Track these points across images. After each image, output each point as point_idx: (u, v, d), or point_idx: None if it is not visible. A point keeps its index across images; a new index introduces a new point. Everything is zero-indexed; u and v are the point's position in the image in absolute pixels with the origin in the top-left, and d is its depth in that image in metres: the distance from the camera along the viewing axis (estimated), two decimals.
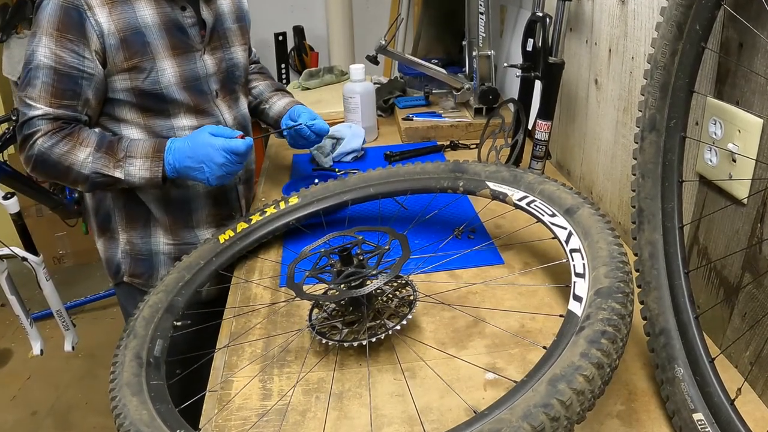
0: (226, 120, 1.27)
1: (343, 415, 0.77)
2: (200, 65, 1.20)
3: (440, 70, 1.66)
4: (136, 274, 1.30)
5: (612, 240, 0.76)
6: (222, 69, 1.25)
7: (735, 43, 0.75)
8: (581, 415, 0.59)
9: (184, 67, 1.16)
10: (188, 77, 1.17)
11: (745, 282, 0.77)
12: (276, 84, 1.51)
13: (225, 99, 1.27)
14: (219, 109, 1.25)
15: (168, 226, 1.26)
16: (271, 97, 1.45)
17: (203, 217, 1.29)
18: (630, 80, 1.06)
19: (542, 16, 1.24)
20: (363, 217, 1.24)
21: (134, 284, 1.31)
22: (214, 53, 1.23)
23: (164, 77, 1.13)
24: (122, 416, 0.72)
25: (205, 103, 1.22)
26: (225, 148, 1.07)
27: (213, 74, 1.23)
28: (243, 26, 1.33)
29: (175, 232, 1.27)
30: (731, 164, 0.77)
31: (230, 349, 0.90)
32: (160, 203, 1.24)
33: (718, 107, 0.79)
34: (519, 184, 0.96)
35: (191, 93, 1.18)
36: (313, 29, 3.05)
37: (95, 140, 1.09)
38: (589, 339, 0.62)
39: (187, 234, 1.28)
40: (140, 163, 1.10)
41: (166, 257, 1.29)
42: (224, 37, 1.26)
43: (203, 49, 1.20)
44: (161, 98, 1.15)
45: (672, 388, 0.72)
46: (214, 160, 1.07)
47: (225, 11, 1.27)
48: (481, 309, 0.94)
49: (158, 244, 1.28)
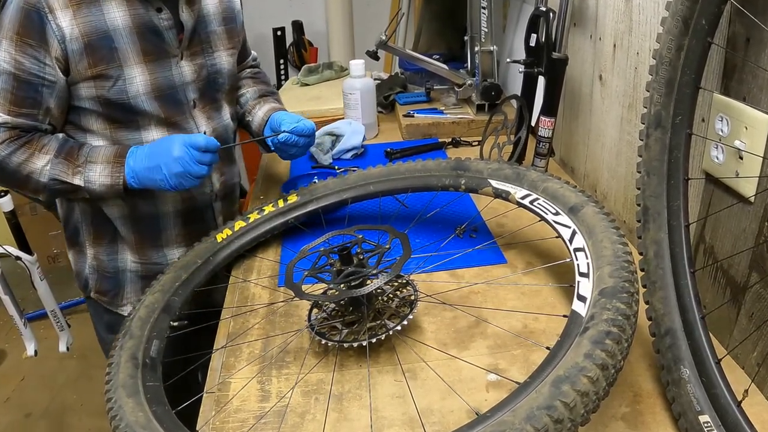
0: (203, 133, 1.17)
1: (343, 416, 0.76)
2: (176, 72, 1.10)
3: (442, 66, 1.65)
4: (102, 291, 1.23)
5: (617, 239, 0.75)
6: (202, 76, 1.15)
7: (742, 38, 0.74)
8: (585, 418, 0.59)
9: (157, 74, 1.07)
10: (161, 86, 1.08)
11: (752, 281, 0.76)
12: (263, 89, 1.37)
13: (204, 109, 1.17)
14: (195, 121, 1.16)
15: (134, 245, 1.19)
16: (254, 106, 1.32)
17: (173, 237, 1.20)
18: (635, 76, 1.05)
19: (546, 10, 1.23)
20: (363, 216, 1.23)
21: (100, 302, 1.25)
22: (194, 59, 1.14)
23: (132, 86, 1.05)
24: (118, 418, 0.72)
25: (178, 115, 1.13)
26: (183, 140, 1.00)
27: (191, 82, 1.13)
28: (232, 29, 1.23)
29: (142, 251, 1.20)
30: (738, 162, 0.76)
31: (228, 350, 0.89)
32: (126, 220, 1.16)
33: (724, 103, 0.78)
34: (522, 182, 0.96)
35: (164, 103, 1.09)
36: (312, 24, 3.04)
37: (56, 146, 1.03)
38: (594, 340, 0.62)
39: (155, 253, 1.20)
40: (100, 168, 1.02)
41: (134, 275, 1.21)
42: (207, 41, 1.17)
43: (180, 55, 1.11)
44: (129, 108, 1.06)
45: (678, 390, 0.71)
46: (170, 153, 0.99)
47: (210, 12, 1.18)
48: (483, 309, 0.93)
49: (125, 262, 1.20)
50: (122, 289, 1.22)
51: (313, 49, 3.09)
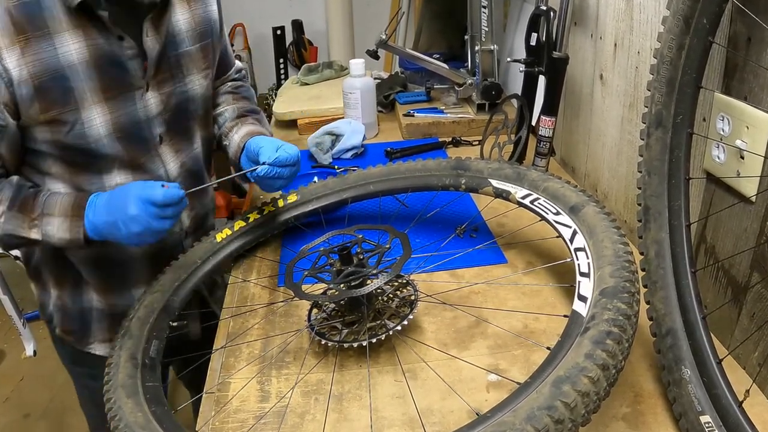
0: (169, 171, 1.06)
1: (343, 417, 0.76)
2: (140, 107, 0.98)
3: (442, 65, 1.64)
4: (67, 330, 1.15)
5: (617, 239, 0.75)
6: (170, 107, 1.03)
7: (743, 37, 0.74)
8: (586, 418, 0.59)
9: (120, 112, 0.96)
10: (123, 124, 0.97)
11: (753, 281, 0.76)
12: (243, 107, 1.21)
13: (171, 143, 1.06)
14: (162, 158, 1.05)
15: (100, 288, 1.10)
16: (231, 128, 1.15)
17: (141, 277, 1.10)
18: (636, 75, 1.05)
19: (546, 9, 1.23)
20: (363, 216, 1.22)
21: (66, 341, 1.17)
22: (161, 87, 1.01)
23: (92, 129, 0.93)
24: (117, 418, 0.71)
25: (143, 155, 1.02)
26: (140, 196, 0.86)
27: (157, 115, 1.01)
28: (207, 45, 1.09)
29: (109, 294, 1.10)
30: (739, 161, 0.76)
31: (227, 350, 0.89)
32: (90, 264, 1.07)
33: (725, 103, 0.78)
34: (522, 182, 0.95)
35: (127, 143, 0.98)
36: (312, 23, 3.04)
37: (9, 195, 0.92)
38: (594, 340, 0.61)
39: (122, 295, 1.11)
40: (58, 222, 0.91)
41: (100, 314, 1.12)
42: (177, 66, 1.03)
43: (146, 86, 0.98)
44: (89, 153, 0.95)
45: (679, 390, 0.71)
46: (126, 211, 0.86)
47: (182, 30, 1.03)
48: (484, 309, 0.93)
49: (90, 302, 1.11)
50: (89, 328, 1.14)
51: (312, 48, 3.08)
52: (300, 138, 1.73)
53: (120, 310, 1.06)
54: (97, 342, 1.15)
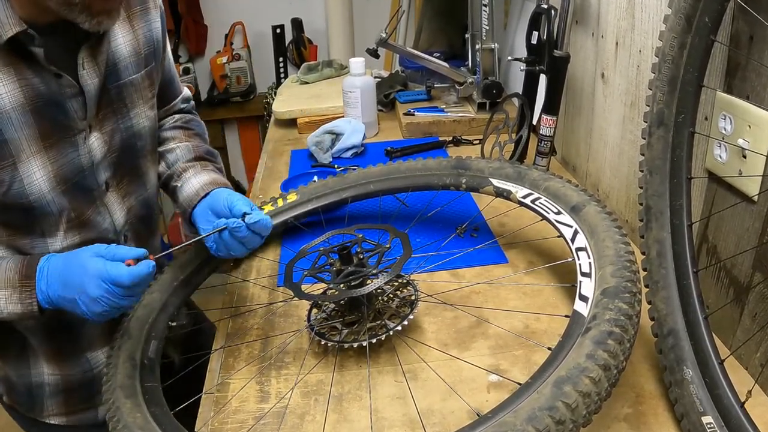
0: (116, 221, 0.95)
1: (343, 418, 0.76)
2: (83, 152, 0.86)
3: (442, 64, 1.64)
4: (15, 401, 1.02)
5: (619, 238, 0.75)
6: (114, 146, 0.91)
7: (745, 35, 0.73)
8: (587, 418, 0.58)
9: (62, 161, 0.84)
10: (66, 175, 0.84)
11: (755, 281, 0.75)
12: (199, 148, 1.06)
13: (118, 188, 0.94)
14: (108, 208, 0.93)
15: (51, 356, 0.96)
16: (185, 170, 1.01)
17: (96, 338, 0.98)
18: (637, 74, 1.04)
19: (547, 8, 1.23)
20: (363, 215, 1.22)
21: (16, 409, 1.03)
22: (104, 126, 0.89)
23: (33, 186, 0.81)
24: (116, 419, 0.71)
25: (88, 206, 0.90)
26: (102, 276, 0.73)
27: (102, 159, 0.89)
28: (152, 70, 0.96)
29: (61, 362, 0.97)
30: (741, 160, 0.76)
31: (226, 351, 0.89)
32: (38, 331, 0.94)
33: (727, 102, 0.77)
34: (523, 181, 0.95)
35: (72, 196, 0.86)
36: (311, 22, 3.03)
37: None
38: (596, 340, 0.61)
39: (78, 362, 0.98)
40: (6, 295, 0.78)
41: (55, 389, 0.98)
42: (119, 99, 0.91)
43: (88, 128, 0.86)
44: (30, 212, 0.83)
45: (681, 391, 0.71)
46: (88, 293, 0.73)
47: (123, 55, 0.90)
48: (484, 309, 0.93)
49: (40, 376, 0.97)
50: (40, 402, 1.00)
51: (312, 46, 3.08)
52: (300, 137, 1.73)
53: (76, 380, 0.97)
54: (53, 416, 1.02)
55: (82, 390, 1.01)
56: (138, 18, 0.94)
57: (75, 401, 1.00)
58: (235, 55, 2.98)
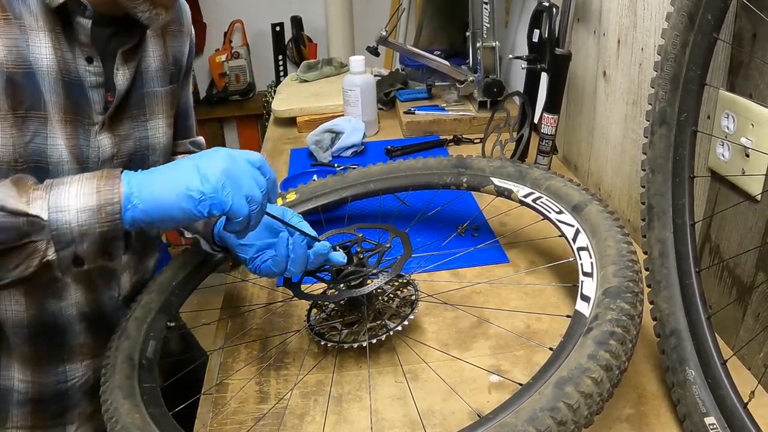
0: None
1: (343, 418, 0.75)
2: (93, 146, 0.83)
3: (443, 62, 1.64)
4: None
5: (621, 238, 0.74)
6: (124, 151, 0.88)
7: (748, 33, 0.73)
8: (589, 419, 0.58)
9: (75, 141, 0.81)
10: (79, 157, 0.82)
11: (758, 281, 0.75)
12: None
13: None
14: None
15: (26, 359, 0.90)
16: None
17: (78, 347, 0.94)
18: (639, 72, 1.04)
19: (549, 5, 1.22)
20: (363, 214, 1.22)
21: None
22: (117, 128, 0.86)
23: (55, 149, 0.79)
24: (114, 420, 0.71)
25: None
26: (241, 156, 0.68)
27: (108, 159, 0.86)
28: (176, 89, 0.96)
29: (36, 367, 0.91)
30: (744, 159, 0.75)
31: (225, 351, 0.88)
32: (20, 326, 0.88)
33: (730, 100, 0.77)
34: (524, 180, 0.95)
35: None
36: (311, 20, 3.02)
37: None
38: (597, 340, 0.61)
39: (53, 369, 0.93)
40: (76, 188, 0.63)
41: (23, 398, 0.92)
42: (140, 107, 0.90)
43: (102, 123, 0.84)
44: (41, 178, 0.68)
45: (683, 391, 0.70)
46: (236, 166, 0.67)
47: (151, 68, 0.90)
48: (485, 309, 0.92)
49: (10, 380, 0.91)
50: (5, 411, 0.93)
51: (312, 45, 3.07)
52: (299, 136, 1.73)
53: (48, 391, 0.92)
54: (17, 428, 0.95)
55: (52, 403, 0.95)
56: (171, 36, 0.95)
57: (43, 415, 0.94)
58: (234, 54, 2.97)
